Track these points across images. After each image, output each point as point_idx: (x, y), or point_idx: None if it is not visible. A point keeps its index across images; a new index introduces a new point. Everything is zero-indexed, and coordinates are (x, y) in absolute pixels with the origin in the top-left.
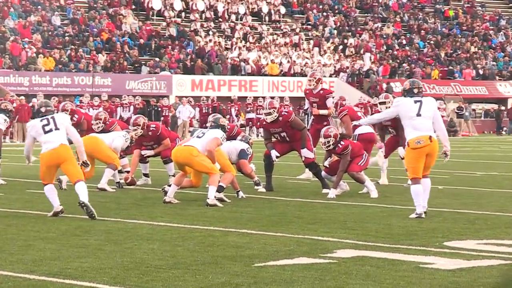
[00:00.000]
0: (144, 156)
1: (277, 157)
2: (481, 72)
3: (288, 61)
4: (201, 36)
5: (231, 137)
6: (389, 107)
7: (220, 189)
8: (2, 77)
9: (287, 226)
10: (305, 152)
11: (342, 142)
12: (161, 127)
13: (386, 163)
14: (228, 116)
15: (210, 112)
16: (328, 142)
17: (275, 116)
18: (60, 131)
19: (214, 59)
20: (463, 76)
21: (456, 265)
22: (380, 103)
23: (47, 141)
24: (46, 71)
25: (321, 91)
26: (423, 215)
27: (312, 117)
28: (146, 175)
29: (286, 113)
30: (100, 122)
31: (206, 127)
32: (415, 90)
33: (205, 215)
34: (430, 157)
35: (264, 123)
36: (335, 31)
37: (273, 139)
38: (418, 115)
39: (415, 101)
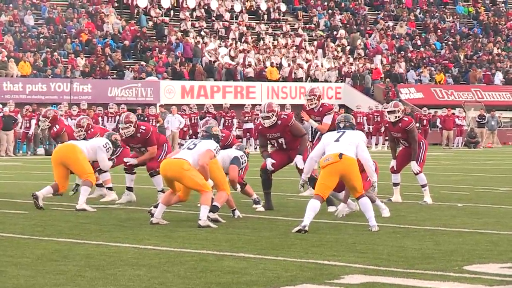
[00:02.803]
0: (128, 164)
1: (272, 164)
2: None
3: (289, 65)
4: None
5: (226, 146)
6: (398, 117)
7: (214, 209)
8: None
9: (288, 249)
10: (297, 159)
11: None
12: (151, 130)
13: (398, 179)
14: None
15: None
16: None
17: (274, 120)
18: None
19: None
20: (484, 81)
21: None
22: (389, 112)
23: None
24: (19, 77)
25: (321, 108)
26: (306, 229)
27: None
28: (129, 189)
29: (285, 117)
30: (82, 130)
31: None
32: (341, 124)
33: (197, 237)
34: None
35: (261, 127)
36: (343, 31)
37: (270, 149)
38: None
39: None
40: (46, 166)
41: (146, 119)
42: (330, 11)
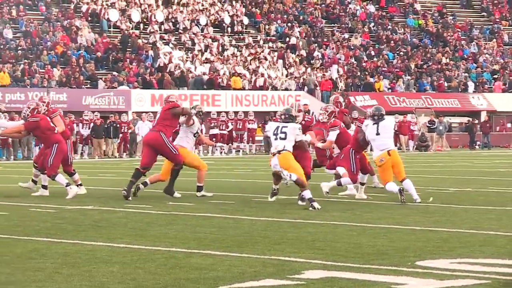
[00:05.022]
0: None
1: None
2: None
3: (252, 74)
4: (159, 49)
5: None
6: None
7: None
8: None
9: (252, 247)
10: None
11: None
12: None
13: (365, 178)
14: None
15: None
16: None
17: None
18: None
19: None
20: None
21: (429, 285)
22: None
23: None
24: None
25: (329, 123)
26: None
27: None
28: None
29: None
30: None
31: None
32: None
33: (167, 235)
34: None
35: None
36: (301, 42)
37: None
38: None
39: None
40: (26, 170)
41: (118, 125)
42: (289, 24)
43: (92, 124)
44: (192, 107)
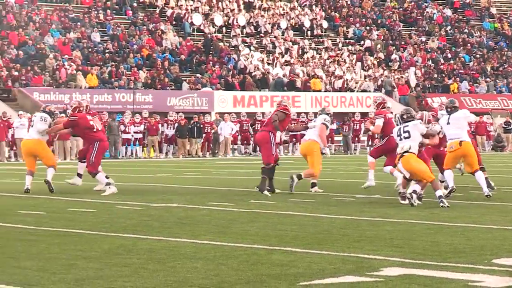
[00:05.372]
0: None
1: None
2: None
3: (331, 76)
4: (240, 52)
5: None
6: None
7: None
8: (42, 94)
9: (332, 244)
10: None
11: None
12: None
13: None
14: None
15: (250, 128)
16: None
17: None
18: None
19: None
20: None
21: (505, 283)
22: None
23: None
24: (86, 88)
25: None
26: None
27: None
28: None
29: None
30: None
31: (248, 144)
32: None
33: (248, 233)
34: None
35: None
36: (378, 45)
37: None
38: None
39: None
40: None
41: (201, 126)
42: (367, 27)
43: (176, 125)
44: (320, 110)
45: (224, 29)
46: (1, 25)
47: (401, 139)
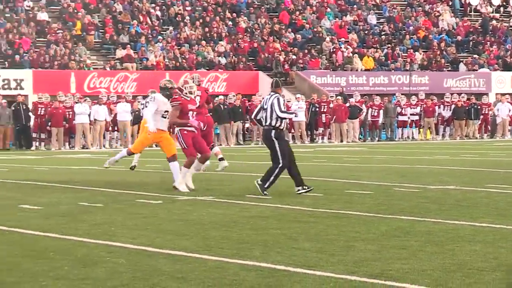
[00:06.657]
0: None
1: None
2: None
3: None
4: None
5: None
6: None
7: None
8: (319, 78)
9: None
10: None
11: None
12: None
13: None
14: None
15: None
16: None
17: None
18: None
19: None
20: None
21: None
22: None
23: None
24: (362, 71)
25: None
26: None
27: None
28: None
29: None
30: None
31: None
32: None
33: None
34: None
35: None
36: None
37: None
38: None
39: None
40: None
41: (479, 107)
42: None
43: (453, 106)
44: None
45: (501, 9)
46: (278, 7)
47: None
